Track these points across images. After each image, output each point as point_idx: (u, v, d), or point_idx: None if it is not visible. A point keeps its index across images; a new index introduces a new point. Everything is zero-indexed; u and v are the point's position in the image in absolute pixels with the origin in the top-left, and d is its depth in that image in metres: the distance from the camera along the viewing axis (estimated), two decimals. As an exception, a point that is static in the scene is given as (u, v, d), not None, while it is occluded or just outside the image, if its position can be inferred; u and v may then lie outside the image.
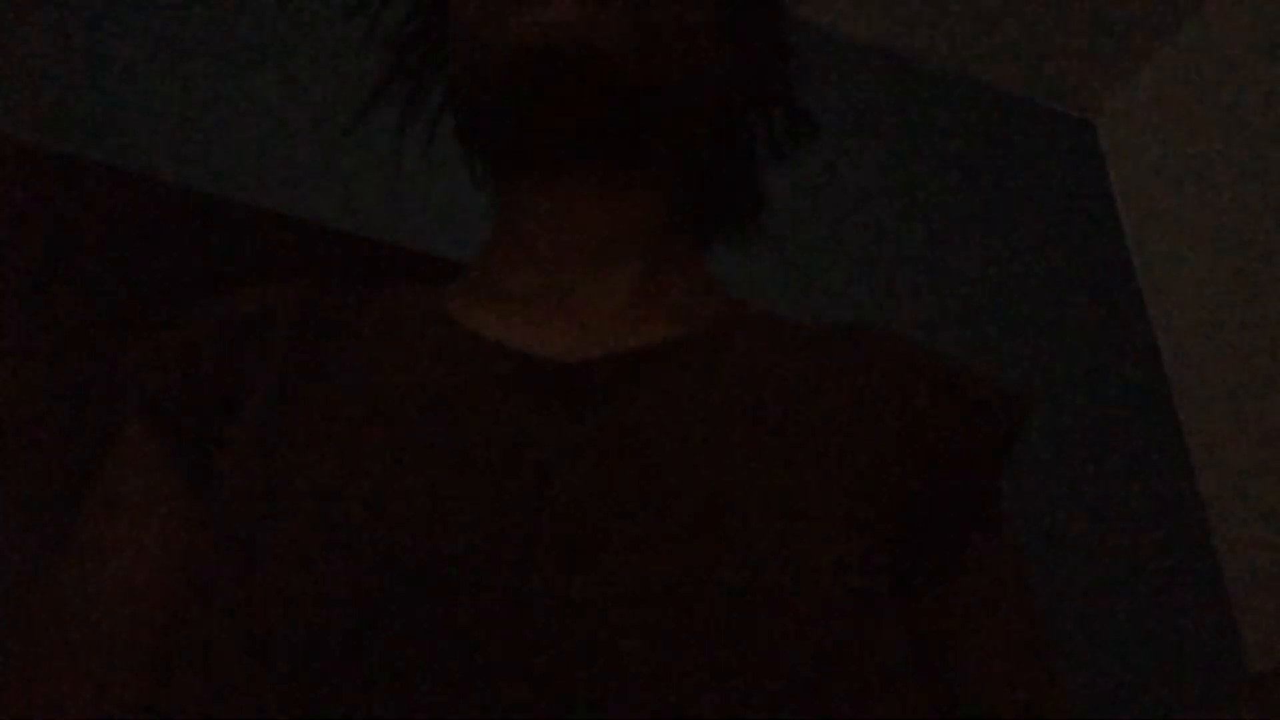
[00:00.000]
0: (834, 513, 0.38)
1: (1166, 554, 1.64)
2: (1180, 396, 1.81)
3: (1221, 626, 1.59)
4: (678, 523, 0.36)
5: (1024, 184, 1.95)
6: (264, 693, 0.32)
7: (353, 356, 0.44)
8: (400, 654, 0.32)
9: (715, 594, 0.34)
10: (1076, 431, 1.70)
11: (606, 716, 0.31)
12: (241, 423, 0.42)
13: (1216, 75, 1.85)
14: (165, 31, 1.40)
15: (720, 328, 0.46)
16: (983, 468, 0.45)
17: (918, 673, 0.39)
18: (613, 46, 0.43)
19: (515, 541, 0.35)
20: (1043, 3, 1.92)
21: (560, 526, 0.36)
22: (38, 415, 1.09)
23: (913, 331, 1.69)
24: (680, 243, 0.51)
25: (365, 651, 0.32)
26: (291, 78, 1.45)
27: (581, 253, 0.48)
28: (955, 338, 1.71)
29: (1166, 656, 1.53)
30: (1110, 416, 1.75)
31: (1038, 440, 1.67)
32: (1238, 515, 1.66)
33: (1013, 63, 2.01)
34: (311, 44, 1.50)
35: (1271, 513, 1.60)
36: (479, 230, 1.46)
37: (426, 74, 0.59)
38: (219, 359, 0.45)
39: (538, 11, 0.43)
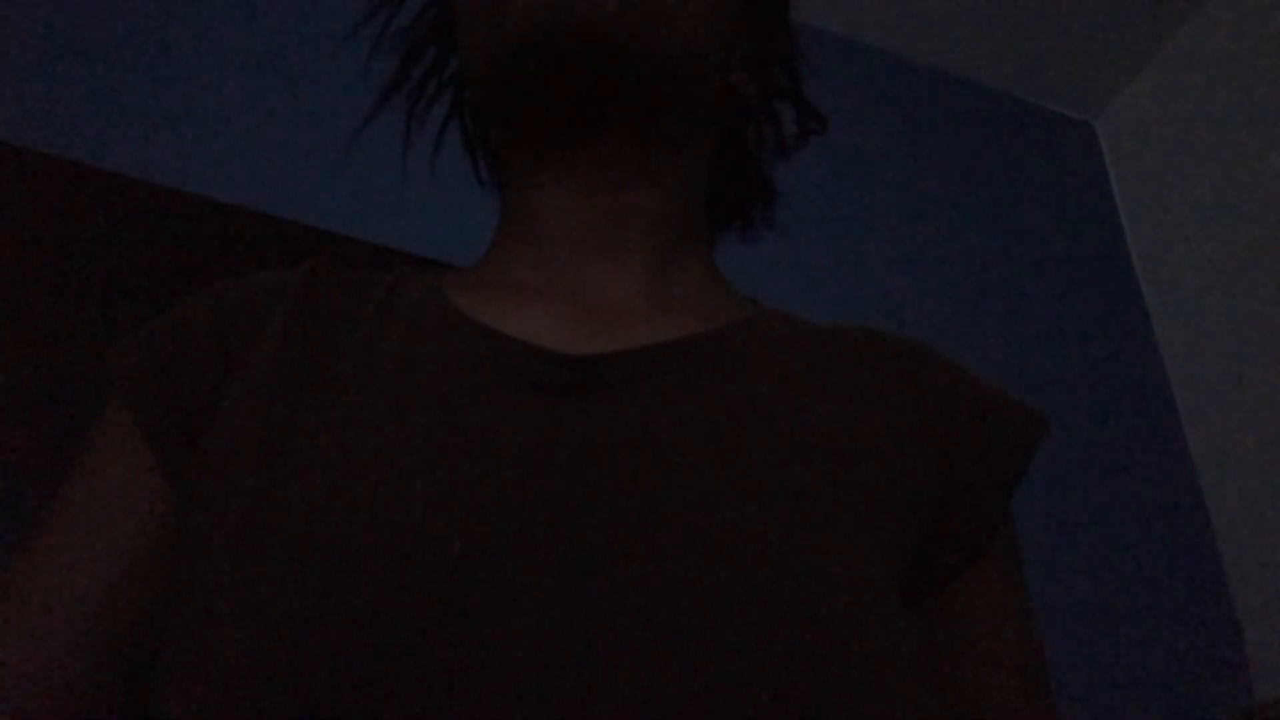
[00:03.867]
0: (849, 518, 0.37)
1: (1172, 574, 1.64)
2: (1182, 397, 1.81)
3: (1228, 652, 1.59)
4: (691, 524, 0.35)
5: (1023, 185, 1.95)
6: (259, 694, 0.31)
7: (353, 344, 0.43)
8: (404, 655, 0.31)
9: (727, 597, 0.33)
10: (1077, 434, 1.70)
11: None
12: (231, 411, 0.41)
13: (1216, 76, 1.85)
14: (167, 35, 1.40)
15: (735, 325, 0.45)
16: (998, 484, 0.45)
17: (930, 681, 0.38)
18: (611, 22, 0.43)
19: (523, 542, 0.34)
20: (1041, 4, 1.92)
21: (569, 527, 0.35)
22: (35, 418, 1.09)
23: (911, 331, 1.69)
24: (691, 239, 0.51)
25: (368, 651, 0.31)
26: (294, 82, 1.45)
27: (592, 246, 0.48)
28: (954, 338, 1.71)
29: (1171, 682, 1.52)
30: (1111, 417, 1.74)
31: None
32: (1241, 522, 1.65)
33: (1012, 64, 2.01)
34: (314, 48, 1.49)
35: (1276, 520, 1.59)
36: (480, 236, 1.45)
37: (431, 81, 0.59)
38: (206, 349, 0.44)
39: None
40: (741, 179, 0.58)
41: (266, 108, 1.41)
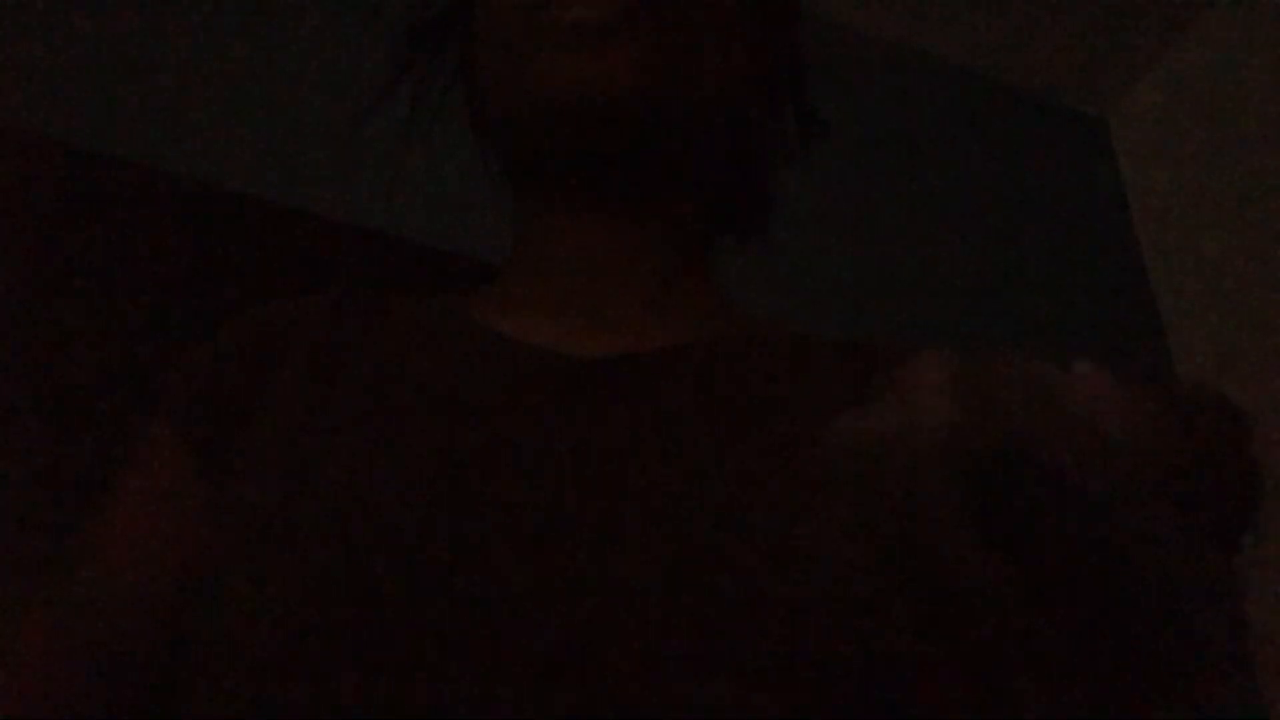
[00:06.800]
0: (840, 527, 0.37)
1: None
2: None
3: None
4: (683, 527, 0.36)
5: (1035, 181, 1.94)
6: (254, 677, 0.33)
7: (375, 358, 0.46)
8: (395, 648, 0.33)
9: (720, 600, 0.34)
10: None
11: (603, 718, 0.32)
12: (260, 426, 0.45)
13: (1230, 73, 1.83)
14: (180, 22, 1.38)
15: (736, 337, 0.48)
16: None
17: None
18: (633, 104, 0.46)
19: (527, 541, 0.36)
20: (1055, -4, 1.90)
21: (571, 525, 0.36)
22: (40, 411, 1.07)
23: (917, 332, 1.68)
24: (694, 256, 0.54)
25: (359, 643, 0.33)
26: (309, 69, 1.44)
27: (600, 268, 0.50)
28: (963, 337, 1.69)
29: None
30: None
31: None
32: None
33: (1025, 59, 2.00)
34: (331, 35, 1.48)
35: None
36: (498, 228, 1.44)
37: (445, 76, 0.62)
38: (241, 370, 0.49)
39: (559, 66, 0.45)
40: (743, 189, 0.61)
41: (286, 99, 1.40)
